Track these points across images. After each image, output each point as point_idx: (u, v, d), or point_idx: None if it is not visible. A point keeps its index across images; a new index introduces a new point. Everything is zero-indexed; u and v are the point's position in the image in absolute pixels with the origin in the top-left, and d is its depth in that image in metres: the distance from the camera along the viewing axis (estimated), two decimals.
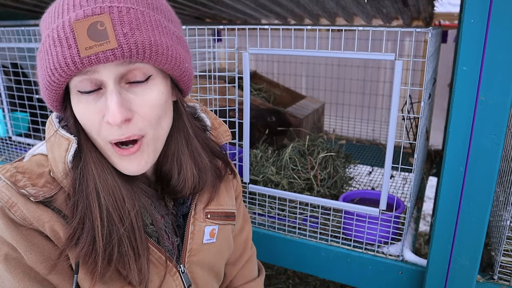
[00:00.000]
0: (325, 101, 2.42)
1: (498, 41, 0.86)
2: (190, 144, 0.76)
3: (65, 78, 0.59)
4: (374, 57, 1.05)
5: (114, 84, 0.61)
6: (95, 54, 0.57)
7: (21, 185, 0.64)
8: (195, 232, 0.79)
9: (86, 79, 0.60)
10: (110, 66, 0.59)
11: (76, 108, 0.63)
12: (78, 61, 0.57)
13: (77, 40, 0.57)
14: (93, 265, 0.63)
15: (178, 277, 0.76)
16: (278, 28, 1.14)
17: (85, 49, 0.57)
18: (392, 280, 1.22)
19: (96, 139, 0.65)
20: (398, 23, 2.16)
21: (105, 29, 0.57)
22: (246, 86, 1.23)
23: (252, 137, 1.71)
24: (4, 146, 1.95)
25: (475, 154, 0.94)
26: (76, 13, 0.58)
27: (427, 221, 3.39)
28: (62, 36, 0.57)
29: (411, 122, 1.57)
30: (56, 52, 0.58)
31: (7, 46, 1.66)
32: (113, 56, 0.57)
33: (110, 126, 0.62)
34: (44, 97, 0.65)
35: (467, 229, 1.01)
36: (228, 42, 1.30)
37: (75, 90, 0.62)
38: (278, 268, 2.59)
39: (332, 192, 1.46)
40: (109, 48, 0.57)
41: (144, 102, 0.64)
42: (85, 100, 0.62)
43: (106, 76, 0.60)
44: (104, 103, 0.61)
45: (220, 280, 0.92)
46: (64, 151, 0.65)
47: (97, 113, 0.62)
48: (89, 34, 0.57)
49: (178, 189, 0.76)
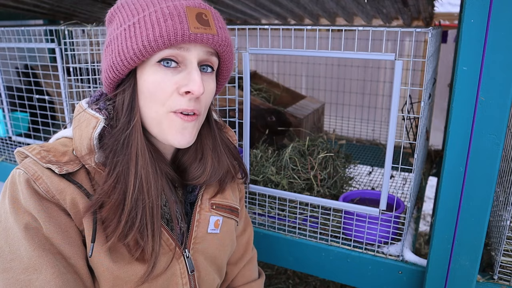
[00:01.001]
0: (325, 101, 2.42)
1: (498, 41, 0.86)
2: (214, 138, 0.85)
3: (165, 47, 0.68)
4: (374, 57, 1.05)
5: (197, 64, 0.72)
6: (200, 34, 0.69)
7: (47, 160, 0.70)
8: (201, 220, 0.84)
9: (174, 54, 0.70)
10: (200, 49, 0.71)
11: (150, 78, 0.71)
12: (187, 34, 0.68)
13: (189, 19, 0.68)
14: (115, 224, 0.69)
15: (183, 261, 0.80)
16: (278, 28, 1.14)
17: (194, 27, 0.68)
18: (392, 280, 1.22)
19: (156, 109, 0.72)
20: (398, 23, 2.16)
21: (208, 20, 0.71)
22: (246, 86, 1.23)
23: (252, 137, 1.71)
24: (4, 146, 1.95)
25: (475, 154, 0.95)
26: (187, 1, 0.70)
27: (427, 221, 3.39)
28: (175, 13, 0.68)
29: (411, 122, 1.57)
30: (166, 24, 0.67)
31: (7, 46, 1.67)
32: (212, 40, 0.71)
33: (182, 97, 0.71)
34: (118, 65, 0.70)
35: (467, 229, 1.01)
36: None
37: (155, 62, 0.70)
38: (278, 268, 2.59)
39: (332, 192, 1.46)
40: (211, 33, 0.70)
41: (208, 88, 0.75)
42: (164, 72, 0.71)
43: (193, 55, 0.71)
44: (182, 77, 0.71)
45: (222, 276, 0.94)
46: (92, 128, 0.72)
47: (173, 84, 0.71)
48: (197, 18, 0.69)
49: (195, 175, 0.82)
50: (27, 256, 0.65)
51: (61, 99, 1.61)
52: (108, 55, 0.72)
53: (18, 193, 0.68)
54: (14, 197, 0.68)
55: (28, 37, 1.58)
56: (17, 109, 1.81)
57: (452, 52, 2.05)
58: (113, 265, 0.70)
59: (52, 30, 1.51)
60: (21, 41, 1.61)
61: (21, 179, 0.68)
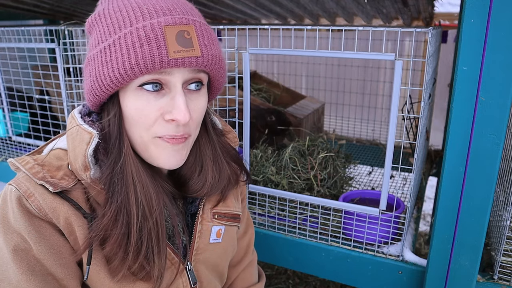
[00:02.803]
0: (325, 101, 2.42)
1: (498, 41, 0.86)
2: (214, 148, 0.81)
3: (142, 74, 0.63)
4: (374, 57, 1.05)
5: (181, 87, 0.67)
6: (181, 58, 0.63)
7: (40, 176, 0.67)
8: (203, 231, 0.82)
9: (155, 79, 0.65)
10: (183, 71, 0.66)
11: (132, 103, 0.66)
12: (166, 61, 0.62)
13: (167, 42, 0.62)
14: (121, 257, 0.67)
15: (185, 274, 0.78)
16: (278, 28, 1.14)
17: (173, 52, 0.62)
18: (392, 280, 1.22)
19: (140, 134, 0.68)
20: (398, 23, 2.16)
21: (191, 39, 0.64)
22: (246, 86, 1.23)
23: (252, 137, 1.71)
24: (4, 146, 1.95)
25: (475, 154, 0.95)
26: (165, 18, 0.64)
27: (427, 221, 3.39)
28: (152, 36, 0.62)
29: (411, 122, 1.57)
30: (142, 50, 0.62)
31: (7, 46, 1.67)
32: (196, 63, 0.65)
33: (168, 124, 0.67)
34: (96, 89, 0.66)
35: (467, 229, 1.01)
36: (228, 42, 1.30)
37: (136, 87, 0.66)
38: (278, 268, 2.59)
39: (332, 192, 1.46)
40: (194, 56, 0.64)
41: (197, 107, 0.70)
42: (146, 97, 0.66)
43: (177, 79, 0.66)
44: (166, 102, 0.66)
45: (223, 281, 0.93)
46: (85, 145, 0.68)
47: (157, 110, 0.66)
48: (177, 39, 0.63)
49: (195, 189, 0.79)
50: (15, 279, 0.63)
51: (61, 99, 1.61)
52: (87, 77, 0.68)
53: (9, 211, 0.66)
54: (4, 216, 0.66)
55: (28, 37, 1.58)
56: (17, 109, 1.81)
57: (452, 52, 2.05)
58: (114, 285, 0.69)
59: (52, 30, 1.51)
60: (21, 41, 1.61)
61: (12, 196, 0.66)
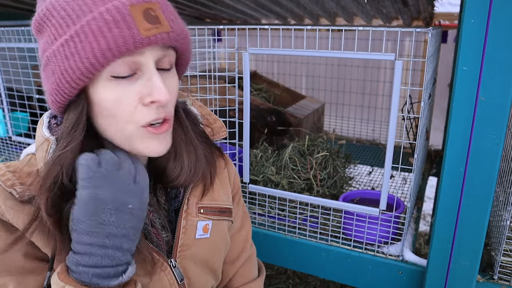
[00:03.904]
0: (325, 101, 2.42)
1: (498, 41, 0.86)
2: (187, 132, 0.78)
3: (115, 58, 0.60)
4: (374, 57, 1.05)
5: (154, 67, 0.64)
6: (153, 36, 0.61)
7: (9, 184, 0.66)
8: (187, 227, 0.79)
9: (127, 62, 0.62)
10: (155, 50, 0.63)
11: (108, 95, 0.63)
12: (139, 41, 0.60)
13: (136, 21, 0.60)
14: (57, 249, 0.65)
15: (170, 271, 0.76)
16: (278, 28, 1.14)
17: (144, 30, 0.60)
18: (392, 280, 1.22)
19: (121, 128, 0.65)
20: (398, 23, 2.16)
21: (157, 15, 0.62)
22: (246, 86, 1.23)
23: (252, 137, 1.71)
24: (4, 146, 1.95)
25: (475, 154, 0.95)
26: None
27: (427, 221, 3.39)
28: (119, 17, 0.59)
29: (411, 122, 1.57)
30: (111, 33, 0.59)
31: (7, 46, 1.67)
32: (168, 38, 0.63)
33: (148, 108, 0.64)
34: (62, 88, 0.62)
35: (467, 229, 1.01)
36: (228, 42, 1.30)
37: (108, 76, 0.62)
38: (278, 268, 2.59)
39: (332, 192, 1.46)
40: (165, 31, 0.62)
41: (171, 87, 0.68)
42: (122, 85, 0.63)
43: (149, 58, 0.63)
44: (142, 85, 0.64)
45: (218, 277, 0.91)
46: (44, 152, 0.67)
47: (134, 95, 0.64)
48: (145, 17, 0.61)
49: (173, 176, 0.76)
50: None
51: None
52: (49, 76, 0.63)
53: None
54: None
55: (28, 37, 1.57)
56: (17, 109, 1.81)
57: (452, 52, 2.05)
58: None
59: None
60: (21, 41, 1.61)
61: None
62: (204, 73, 1.32)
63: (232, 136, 1.31)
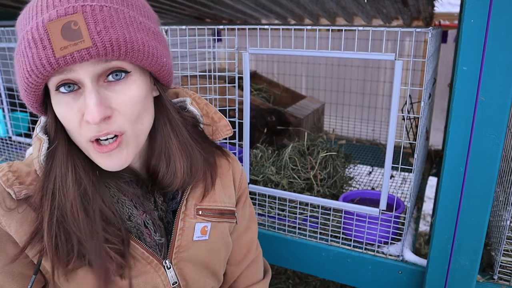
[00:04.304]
0: (325, 101, 2.42)
1: (498, 41, 0.86)
2: (180, 135, 0.76)
3: (42, 80, 0.59)
4: (374, 57, 1.05)
5: (92, 83, 0.61)
6: (70, 54, 0.57)
7: (9, 184, 0.67)
8: (185, 228, 0.78)
9: (64, 79, 0.60)
10: (87, 65, 0.60)
11: (56, 108, 0.64)
12: (54, 62, 0.57)
13: (52, 40, 0.57)
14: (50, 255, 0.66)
15: (164, 272, 0.75)
16: (278, 28, 1.14)
17: (60, 49, 0.57)
18: (392, 280, 1.22)
19: (77, 139, 0.66)
20: (398, 23, 2.16)
21: (79, 28, 0.57)
22: (246, 86, 1.23)
23: (252, 137, 1.71)
24: (4, 146, 1.95)
25: (475, 154, 0.95)
26: (50, 14, 0.57)
27: (427, 221, 3.39)
28: (37, 37, 0.57)
29: (411, 122, 1.57)
30: (31, 54, 0.58)
31: (7, 46, 1.67)
32: (88, 55, 0.57)
33: (89, 124, 0.62)
34: (23, 99, 0.65)
35: (467, 229, 1.01)
36: (228, 42, 1.30)
37: (54, 91, 0.62)
38: (278, 268, 2.59)
39: (332, 192, 1.46)
40: (84, 47, 0.57)
41: (124, 99, 0.64)
42: (65, 100, 0.62)
43: (83, 75, 0.60)
44: (83, 102, 0.62)
45: (219, 280, 0.90)
46: (37, 151, 0.68)
47: (77, 112, 0.62)
48: (63, 34, 0.57)
49: (167, 182, 0.76)
50: None
51: None
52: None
53: None
54: None
55: None
56: (17, 109, 1.81)
57: (452, 52, 2.05)
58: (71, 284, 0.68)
59: None
60: None
61: None
62: (204, 73, 1.32)
63: (232, 136, 1.31)
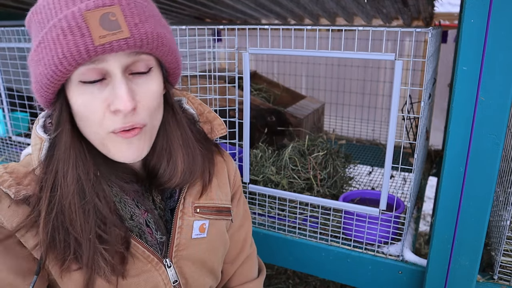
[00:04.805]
0: (325, 101, 2.42)
1: (498, 41, 0.86)
2: (184, 132, 0.77)
3: (73, 67, 0.59)
4: (374, 57, 1.05)
5: (121, 74, 0.62)
6: (109, 43, 0.58)
7: (7, 185, 0.66)
8: (183, 227, 0.78)
9: (92, 69, 0.61)
10: (119, 56, 0.61)
11: (78, 99, 0.63)
12: (92, 49, 0.58)
13: (90, 29, 0.58)
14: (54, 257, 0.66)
15: (164, 271, 0.75)
16: (278, 28, 1.14)
17: (99, 37, 0.58)
18: (392, 280, 1.22)
19: (95, 130, 0.65)
20: (398, 23, 2.16)
21: (117, 20, 0.59)
22: (246, 86, 1.23)
23: (252, 137, 1.71)
24: (4, 146, 1.95)
25: (475, 154, 0.95)
26: (86, 4, 0.59)
27: (427, 221, 3.39)
28: (74, 25, 0.58)
29: (411, 122, 1.57)
30: (66, 41, 0.58)
31: (7, 46, 1.67)
32: (126, 45, 0.60)
33: (115, 115, 0.63)
34: (39, 90, 0.64)
35: (467, 229, 1.01)
36: (228, 42, 1.30)
37: (77, 81, 0.62)
38: (278, 268, 2.59)
39: (332, 192, 1.46)
40: (123, 37, 0.59)
41: (147, 92, 0.66)
42: (89, 90, 0.63)
43: (114, 65, 0.61)
44: (109, 92, 0.63)
45: (217, 278, 0.90)
46: (37, 150, 0.68)
47: (102, 102, 0.63)
48: (101, 23, 0.58)
49: (166, 178, 0.76)
50: None
51: None
52: (31, 77, 0.65)
53: None
54: None
55: (28, 37, 1.57)
56: (17, 109, 1.81)
57: (452, 52, 2.05)
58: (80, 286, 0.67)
59: None
60: (21, 41, 1.61)
61: None
62: (204, 73, 1.32)
63: (232, 136, 1.31)
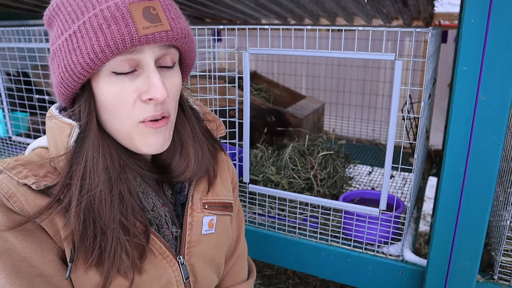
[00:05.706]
0: (325, 101, 2.42)
1: (498, 41, 0.86)
2: (193, 127, 0.80)
3: (114, 55, 0.62)
4: (374, 57, 1.05)
5: (154, 65, 0.66)
6: (152, 34, 0.62)
7: (23, 175, 0.65)
8: (193, 223, 0.79)
9: (127, 59, 0.63)
10: (153, 48, 0.65)
11: (109, 89, 0.65)
12: (136, 39, 0.61)
13: (135, 20, 0.61)
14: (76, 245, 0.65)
15: (178, 268, 0.76)
16: (278, 28, 1.14)
17: (143, 28, 0.61)
18: (392, 280, 1.22)
19: (122, 122, 0.67)
20: (398, 23, 2.16)
21: (157, 14, 0.63)
22: (246, 86, 1.23)
23: (252, 137, 1.71)
24: (4, 146, 1.95)
25: (475, 154, 0.95)
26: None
27: (427, 221, 3.39)
28: (118, 15, 0.61)
29: (411, 122, 1.57)
30: (110, 30, 0.61)
31: (7, 46, 1.67)
32: (166, 37, 0.64)
33: (146, 104, 0.66)
34: (67, 80, 0.64)
35: (467, 229, 1.01)
36: (228, 42, 1.30)
37: (109, 72, 0.64)
38: (278, 268, 2.59)
39: (332, 192, 1.46)
40: (163, 30, 0.63)
41: (173, 84, 0.70)
42: (121, 81, 0.65)
43: (149, 56, 0.65)
44: (141, 82, 0.65)
45: (220, 274, 0.90)
46: (66, 137, 0.67)
47: (133, 92, 0.65)
48: (144, 16, 0.62)
49: (181, 171, 0.78)
50: (0, 283, 0.61)
51: None
52: (55, 69, 0.66)
53: None
54: None
55: (28, 37, 1.58)
56: (17, 109, 1.81)
57: (452, 52, 2.05)
58: (100, 281, 0.67)
59: None
60: (21, 41, 1.61)
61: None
62: (204, 73, 1.32)
63: (232, 136, 1.31)
